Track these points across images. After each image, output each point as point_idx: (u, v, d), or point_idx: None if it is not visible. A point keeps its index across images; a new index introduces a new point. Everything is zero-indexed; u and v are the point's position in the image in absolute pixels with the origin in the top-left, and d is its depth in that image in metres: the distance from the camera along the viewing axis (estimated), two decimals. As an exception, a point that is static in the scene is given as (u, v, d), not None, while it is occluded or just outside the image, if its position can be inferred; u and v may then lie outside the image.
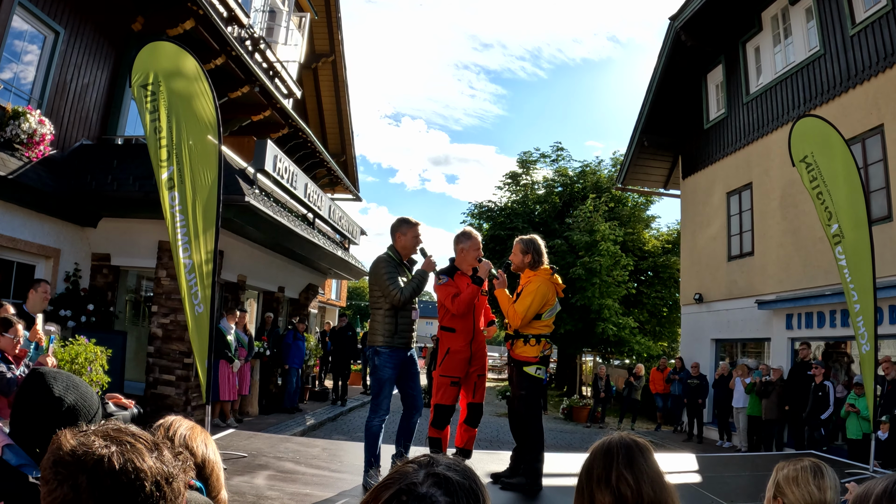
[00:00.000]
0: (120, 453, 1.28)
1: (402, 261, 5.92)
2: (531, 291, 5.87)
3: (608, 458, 1.95)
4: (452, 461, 1.21)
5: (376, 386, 5.82)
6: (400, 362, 5.81)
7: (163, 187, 6.45)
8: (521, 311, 5.85)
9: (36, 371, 2.09)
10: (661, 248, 29.31)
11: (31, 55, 10.44)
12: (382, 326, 5.75)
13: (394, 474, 1.17)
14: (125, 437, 1.33)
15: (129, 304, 12.95)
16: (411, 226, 5.94)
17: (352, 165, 24.27)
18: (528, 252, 6.11)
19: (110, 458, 1.26)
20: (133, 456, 1.29)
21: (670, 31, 17.36)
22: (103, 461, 1.26)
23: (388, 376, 5.75)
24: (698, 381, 16.28)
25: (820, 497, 2.42)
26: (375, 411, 5.77)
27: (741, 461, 9.26)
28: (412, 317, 5.86)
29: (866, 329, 7.34)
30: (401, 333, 5.76)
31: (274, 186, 12.82)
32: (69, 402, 2.01)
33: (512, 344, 6.04)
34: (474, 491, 1.16)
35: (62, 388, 2.03)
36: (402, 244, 5.94)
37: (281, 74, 18.02)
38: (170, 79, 6.55)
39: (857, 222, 7.38)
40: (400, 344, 5.76)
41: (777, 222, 14.80)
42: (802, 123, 8.05)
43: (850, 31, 12.65)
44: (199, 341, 6.47)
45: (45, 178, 10.10)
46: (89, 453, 1.26)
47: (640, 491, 1.87)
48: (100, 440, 1.29)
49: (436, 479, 1.13)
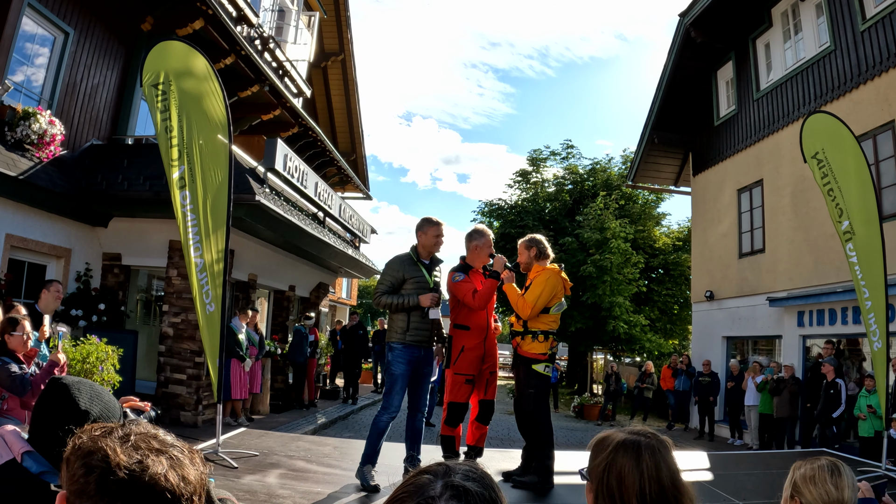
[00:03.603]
0: (170, 467, 1.26)
1: (419, 259, 5.99)
2: (541, 282, 5.94)
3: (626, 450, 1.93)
4: (469, 468, 1.19)
5: (389, 381, 5.91)
6: (413, 359, 5.87)
7: (174, 186, 6.46)
8: (531, 301, 5.89)
9: (58, 381, 2.07)
10: (671, 246, 29.17)
11: (41, 56, 10.48)
12: (396, 323, 5.88)
13: (409, 486, 1.15)
14: (169, 450, 1.31)
15: (139, 303, 12.99)
16: (433, 225, 6.01)
17: (362, 164, 24.27)
18: (531, 246, 6.22)
19: (165, 476, 1.24)
20: (180, 470, 1.28)
21: (680, 28, 17.30)
22: (158, 479, 1.24)
23: (401, 372, 5.81)
24: (709, 379, 16.22)
25: (837, 496, 2.40)
26: (386, 407, 5.83)
27: (753, 459, 9.22)
28: (430, 316, 5.91)
29: (878, 326, 7.29)
30: (413, 331, 5.82)
31: (284, 185, 12.83)
32: (95, 414, 1.99)
33: (520, 341, 6.06)
34: (493, 499, 1.15)
35: (87, 399, 2.02)
36: (422, 242, 6.03)
37: (290, 73, 18.04)
38: (180, 78, 6.56)
39: (868, 219, 7.33)
40: (412, 341, 5.82)
41: (788, 219, 14.73)
42: (813, 120, 8.00)
43: (861, 27, 12.56)
44: (210, 340, 6.49)
45: (56, 179, 10.14)
46: (143, 470, 1.24)
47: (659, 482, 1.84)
48: (153, 455, 1.27)
49: (454, 491, 1.11)
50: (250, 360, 12.35)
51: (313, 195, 13.98)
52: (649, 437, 1.88)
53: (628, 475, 1.80)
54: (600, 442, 1.95)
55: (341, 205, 16.52)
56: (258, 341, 12.95)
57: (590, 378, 27.51)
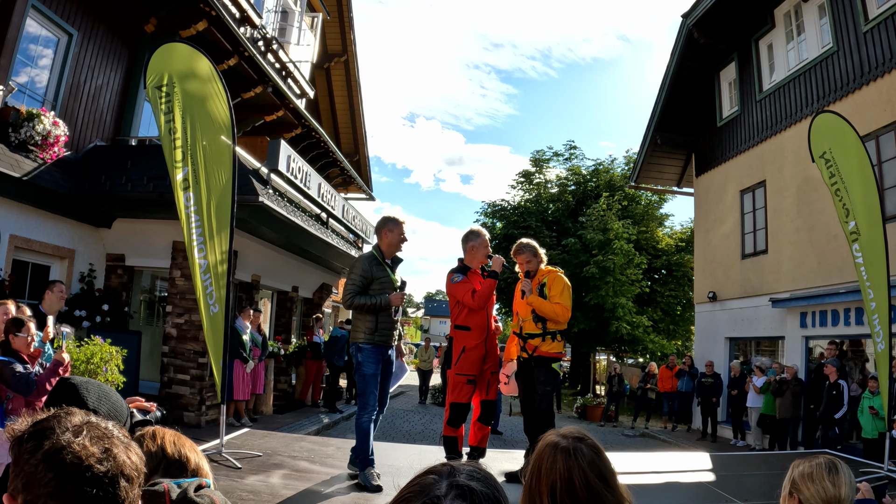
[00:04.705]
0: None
1: (384, 259, 6.06)
2: (560, 283, 6.09)
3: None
4: (473, 468, 1.20)
5: (361, 382, 5.91)
6: (381, 358, 5.92)
7: (178, 188, 6.48)
8: (567, 304, 6.07)
9: (67, 381, 2.09)
10: (674, 247, 29.18)
11: (45, 58, 10.51)
12: (364, 324, 5.89)
13: (415, 486, 1.16)
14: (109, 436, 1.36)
15: (143, 304, 13.02)
16: (398, 224, 6.08)
17: (365, 165, 24.30)
18: (535, 250, 6.31)
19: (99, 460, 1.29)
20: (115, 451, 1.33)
21: (682, 29, 17.29)
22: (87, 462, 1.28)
23: (372, 372, 5.85)
24: (712, 380, 16.21)
25: (835, 493, 2.43)
26: (363, 408, 5.87)
27: (755, 460, 9.22)
28: (394, 316, 5.97)
29: (881, 327, 7.29)
30: (381, 331, 5.88)
31: (287, 186, 12.84)
32: (103, 414, 2.01)
33: (539, 343, 6.11)
34: (497, 499, 1.16)
35: (95, 398, 2.04)
36: (388, 241, 6.09)
37: (293, 74, 18.06)
38: (184, 80, 6.58)
39: (872, 220, 7.33)
40: (380, 341, 5.88)
41: (791, 220, 14.72)
42: (821, 119, 8.00)
43: (864, 28, 12.56)
44: (214, 341, 6.51)
45: (60, 180, 10.17)
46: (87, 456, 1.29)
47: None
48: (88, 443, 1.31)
49: (459, 490, 1.13)
50: (252, 362, 12.36)
51: (316, 196, 14.00)
52: (569, 440, 1.90)
53: (544, 476, 1.84)
54: (539, 443, 1.99)
55: (344, 206, 16.55)
56: (261, 342, 12.96)
57: (592, 379, 27.49)
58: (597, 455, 1.88)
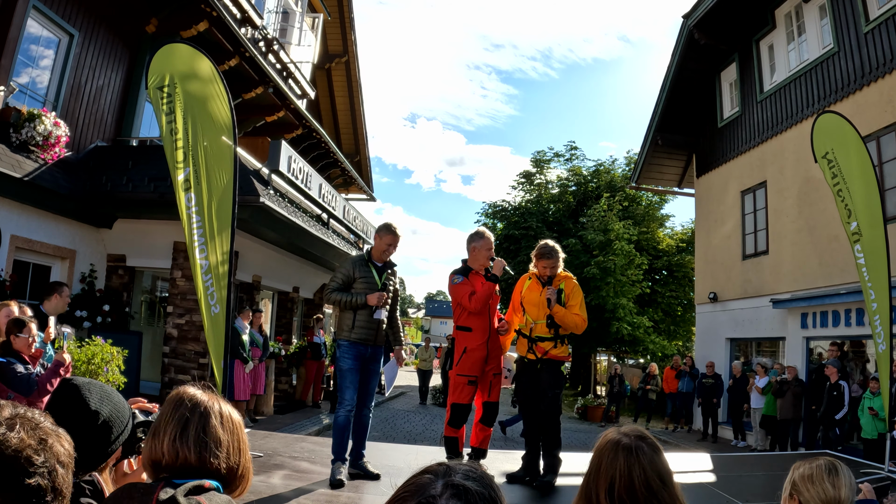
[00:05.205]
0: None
1: (371, 260, 6.20)
2: (578, 290, 6.23)
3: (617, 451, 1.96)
4: (469, 468, 1.19)
5: (339, 378, 6.10)
6: (359, 355, 6.02)
7: (179, 189, 6.47)
8: (585, 315, 6.16)
9: (69, 382, 2.10)
10: (675, 247, 29.18)
11: (46, 58, 10.52)
12: (343, 321, 6.09)
13: (410, 486, 1.16)
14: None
15: (144, 304, 13.03)
16: (389, 233, 6.20)
17: (366, 165, 24.30)
18: (557, 256, 6.27)
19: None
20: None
21: (683, 30, 17.29)
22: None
23: (348, 367, 5.98)
24: (713, 381, 16.21)
25: (835, 494, 2.43)
26: (340, 403, 6.02)
27: (756, 461, 9.22)
28: (375, 316, 6.05)
29: (882, 328, 7.30)
30: (358, 329, 6.00)
31: (288, 187, 12.85)
32: (105, 415, 2.02)
33: (550, 347, 6.15)
34: (493, 499, 1.15)
35: (97, 400, 2.05)
36: (376, 245, 6.26)
37: (294, 75, 18.06)
38: (185, 80, 6.58)
39: (873, 220, 7.34)
40: (357, 338, 6.00)
41: (792, 220, 14.72)
42: (823, 119, 8.01)
43: (864, 29, 12.56)
44: (215, 341, 6.51)
45: (61, 180, 10.18)
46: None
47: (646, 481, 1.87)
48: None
49: (454, 490, 1.12)
50: (252, 363, 12.34)
51: (317, 197, 14.00)
52: (631, 438, 1.90)
53: (603, 473, 1.84)
54: (599, 440, 1.99)
55: (345, 206, 16.55)
56: (263, 343, 12.95)
57: (593, 379, 27.48)
58: (657, 454, 1.90)
